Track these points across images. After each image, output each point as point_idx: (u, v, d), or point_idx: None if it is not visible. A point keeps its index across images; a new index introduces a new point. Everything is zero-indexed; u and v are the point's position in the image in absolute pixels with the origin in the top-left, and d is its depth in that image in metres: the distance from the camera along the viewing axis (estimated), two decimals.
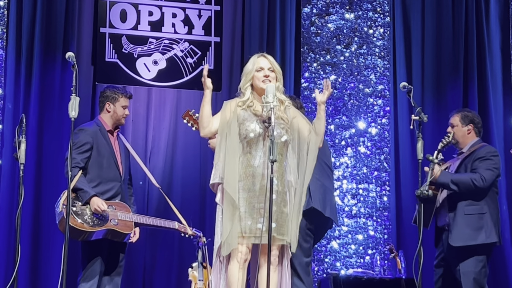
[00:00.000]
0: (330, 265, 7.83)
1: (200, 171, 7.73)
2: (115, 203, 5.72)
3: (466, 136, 5.98)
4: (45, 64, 7.47)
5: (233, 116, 4.67)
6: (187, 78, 7.84)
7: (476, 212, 5.75)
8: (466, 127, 5.98)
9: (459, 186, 5.71)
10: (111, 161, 5.81)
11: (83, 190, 5.59)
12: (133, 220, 5.72)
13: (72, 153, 5.27)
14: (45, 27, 7.49)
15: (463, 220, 5.72)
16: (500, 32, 8.46)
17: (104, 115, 5.94)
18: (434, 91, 8.34)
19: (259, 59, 4.79)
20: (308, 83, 8.14)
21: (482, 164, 5.78)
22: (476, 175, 5.72)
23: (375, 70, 8.26)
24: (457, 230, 5.71)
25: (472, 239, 5.67)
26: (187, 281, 6.70)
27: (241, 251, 4.54)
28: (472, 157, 5.85)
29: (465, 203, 5.76)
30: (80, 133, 5.77)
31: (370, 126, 8.16)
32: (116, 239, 5.68)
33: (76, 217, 5.51)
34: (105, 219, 5.60)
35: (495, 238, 5.76)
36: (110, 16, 7.73)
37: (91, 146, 5.75)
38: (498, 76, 8.37)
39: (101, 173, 5.76)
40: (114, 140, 5.92)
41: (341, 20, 8.28)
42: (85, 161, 5.72)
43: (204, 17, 7.97)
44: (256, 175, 4.57)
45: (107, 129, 5.90)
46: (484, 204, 5.78)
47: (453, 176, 5.76)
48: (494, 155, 5.87)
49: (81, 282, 5.67)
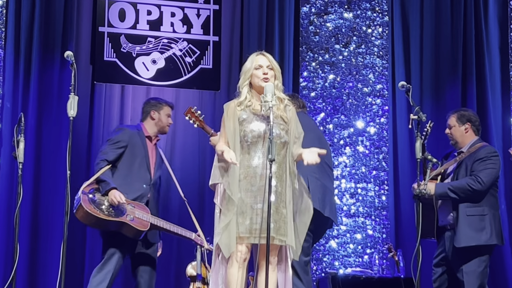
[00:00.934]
0: (328, 264, 7.83)
1: (199, 171, 7.73)
2: (136, 203, 5.77)
3: (465, 135, 5.96)
4: (43, 63, 7.47)
5: (234, 118, 4.65)
6: (185, 77, 7.85)
7: (477, 214, 5.74)
8: (463, 126, 5.97)
9: (458, 193, 5.71)
10: (143, 163, 5.88)
11: (105, 182, 5.67)
12: (149, 221, 5.75)
13: (106, 146, 5.82)
14: (43, 26, 7.49)
15: (465, 221, 5.71)
16: (498, 31, 8.46)
17: (147, 122, 6.04)
18: (433, 90, 8.35)
19: (258, 57, 4.78)
20: (307, 82, 8.14)
21: (480, 166, 5.77)
22: (471, 179, 5.71)
23: (373, 70, 8.26)
24: (460, 231, 5.70)
25: (474, 240, 5.67)
26: (185, 279, 6.71)
27: (240, 251, 4.53)
28: (472, 158, 5.83)
29: (466, 204, 5.75)
30: (118, 131, 5.98)
31: (368, 126, 8.16)
32: (128, 235, 5.68)
33: (92, 204, 5.58)
34: (121, 213, 5.64)
35: (495, 240, 5.76)
36: (109, 15, 7.73)
37: (126, 145, 5.86)
38: (497, 76, 8.37)
39: (130, 173, 5.83)
40: (151, 146, 6.02)
41: (340, 19, 8.28)
42: (115, 157, 5.81)
43: (203, 16, 7.97)
44: (256, 176, 4.56)
45: (146, 134, 6.00)
46: (485, 205, 5.77)
47: (449, 185, 5.75)
48: (493, 155, 5.85)
49: (95, 272, 5.73)
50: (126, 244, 5.74)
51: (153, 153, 6.00)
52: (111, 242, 5.72)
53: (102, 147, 5.95)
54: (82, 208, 5.53)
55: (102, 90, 7.67)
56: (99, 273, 5.68)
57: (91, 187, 5.68)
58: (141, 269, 5.89)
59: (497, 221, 5.79)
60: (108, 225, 5.64)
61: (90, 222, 5.65)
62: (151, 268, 5.91)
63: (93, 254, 7.36)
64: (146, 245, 5.91)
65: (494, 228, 5.75)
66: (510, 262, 7.95)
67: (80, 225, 7.31)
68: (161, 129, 6.07)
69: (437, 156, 5.96)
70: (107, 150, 5.80)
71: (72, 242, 6.93)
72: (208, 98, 7.93)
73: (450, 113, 6.11)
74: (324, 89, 8.14)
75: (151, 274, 5.91)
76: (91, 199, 5.60)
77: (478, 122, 6.04)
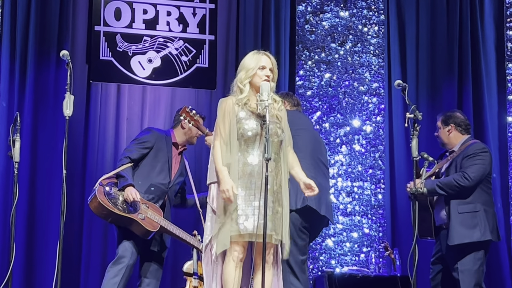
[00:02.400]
0: (325, 263, 7.84)
1: (194, 170, 7.72)
2: (150, 204, 5.82)
3: (449, 136, 5.99)
4: (39, 63, 7.46)
5: (232, 115, 4.65)
6: (181, 76, 7.84)
7: (469, 211, 5.75)
8: (447, 128, 5.99)
9: (445, 189, 5.72)
10: (165, 167, 5.95)
11: (124, 178, 5.76)
12: (160, 223, 5.79)
13: (132, 145, 5.96)
14: (39, 26, 7.48)
15: (458, 219, 5.73)
16: (494, 30, 8.46)
17: (177, 130, 6.10)
18: (429, 89, 8.35)
19: (263, 57, 4.76)
20: (303, 81, 8.14)
21: (468, 162, 5.78)
22: (458, 175, 5.72)
23: (369, 68, 8.26)
24: (452, 229, 5.72)
25: (467, 237, 5.67)
26: (182, 278, 6.71)
27: (237, 250, 4.54)
28: (461, 156, 5.85)
29: (457, 202, 5.76)
30: (147, 132, 6.10)
31: (365, 124, 8.17)
32: (137, 232, 5.72)
33: (106, 197, 5.66)
34: (134, 210, 5.71)
35: (489, 236, 5.76)
36: (105, 14, 7.72)
37: (151, 146, 5.95)
38: (493, 74, 8.38)
39: (151, 174, 5.91)
40: (176, 154, 6.08)
41: (336, 18, 8.28)
42: (139, 156, 5.91)
43: (199, 15, 7.96)
44: (254, 174, 4.56)
45: (173, 141, 6.06)
46: (477, 202, 5.77)
47: (437, 182, 5.76)
48: (482, 151, 5.85)
49: (109, 268, 5.77)
50: (140, 241, 5.79)
51: (176, 160, 6.07)
52: (126, 236, 5.77)
53: (129, 145, 6.08)
54: (96, 198, 5.63)
55: (98, 89, 7.66)
56: (113, 268, 5.73)
57: (110, 181, 5.78)
58: (148, 269, 5.95)
59: (490, 217, 5.79)
60: (118, 219, 5.70)
61: (101, 214, 5.71)
62: (158, 267, 5.98)
63: (89, 254, 7.37)
64: (160, 247, 5.99)
65: (487, 224, 5.75)
66: (506, 259, 7.95)
67: (77, 224, 7.35)
68: (190, 139, 6.12)
69: (434, 155, 5.98)
70: (132, 148, 5.93)
71: (68, 242, 6.93)
72: (204, 97, 7.92)
73: (438, 115, 6.13)
74: (320, 88, 8.15)
75: (156, 274, 5.98)
76: (107, 192, 5.70)
77: (465, 122, 6.03)
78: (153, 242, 5.95)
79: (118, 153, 7.47)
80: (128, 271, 5.74)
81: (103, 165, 7.46)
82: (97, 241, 7.40)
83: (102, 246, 7.38)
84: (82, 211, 7.35)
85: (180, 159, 6.12)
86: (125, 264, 5.72)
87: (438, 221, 5.90)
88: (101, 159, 7.51)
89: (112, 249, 6.95)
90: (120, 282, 5.68)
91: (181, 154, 6.13)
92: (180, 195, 6.23)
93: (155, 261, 5.98)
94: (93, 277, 7.29)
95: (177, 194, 6.18)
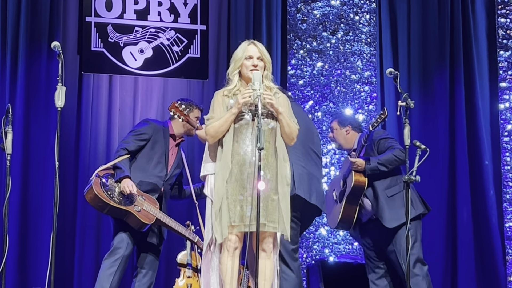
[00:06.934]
0: (318, 251, 7.85)
1: (187, 162, 7.71)
2: (147, 196, 5.83)
3: (347, 137, 6.20)
4: (30, 54, 7.44)
5: (223, 106, 4.68)
6: (173, 66, 7.83)
7: (396, 192, 5.87)
8: (344, 128, 6.19)
9: (386, 165, 5.84)
10: (161, 159, 5.95)
11: (120, 169, 5.75)
12: (156, 215, 5.79)
13: (129, 136, 5.95)
14: (30, 17, 7.45)
15: (389, 202, 5.85)
16: (485, 17, 8.46)
17: (176, 122, 6.04)
18: (421, 77, 8.35)
19: (249, 46, 4.77)
20: (295, 70, 8.14)
21: (388, 142, 5.96)
22: (395, 150, 5.85)
23: (361, 57, 8.26)
24: (388, 212, 5.82)
25: (403, 217, 5.61)
26: (176, 268, 6.72)
27: (231, 240, 4.55)
28: (371, 143, 5.98)
29: (383, 188, 5.90)
30: (144, 123, 6.08)
31: (357, 113, 8.17)
32: (132, 224, 5.74)
33: (102, 188, 5.66)
34: (129, 202, 5.71)
35: (421, 208, 5.90)
36: (96, 5, 7.70)
37: (149, 138, 5.95)
38: (484, 62, 8.38)
39: (147, 166, 5.91)
40: (173, 145, 6.07)
41: (327, 6, 8.27)
42: (136, 148, 5.91)
43: (190, 5, 7.95)
44: (244, 163, 4.57)
45: (171, 132, 6.05)
46: (399, 182, 5.87)
47: (377, 159, 5.86)
48: (387, 135, 6.12)
49: (104, 259, 5.79)
50: (136, 232, 5.81)
51: (173, 152, 6.06)
52: (122, 227, 5.78)
53: (126, 136, 6.05)
54: (92, 190, 5.63)
55: (89, 80, 7.65)
56: (108, 259, 5.75)
57: (107, 172, 5.78)
58: (145, 260, 5.97)
59: (414, 192, 5.88)
60: (114, 211, 5.70)
61: (97, 205, 5.71)
62: (154, 259, 5.99)
63: (83, 245, 7.37)
64: (157, 238, 6.01)
65: (416, 198, 5.89)
66: (499, 245, 7.98)
67: (70, 215, 7.35)
68: (188, 131, 6.08)
69: (426, 144, 5.98)
70: (129, 140, 5.92)
71: (61, 233, 6.93)
72: (196, 87, 7.91)
73: (332, 119, 6.38)
74: (312, 77, 8.14)
75: (153, 265, 5.99)
76: (103, 183, 5.69)
77: (359, 123, 6.34)
78: (150, 233, 5.96)
79: (110, 144, 7.47)
80: (124, 262, 5.75)
81: (96, 156, 7.46)
82: (90, 232, 7.40)
83: (95, 237, 7.39)
84: (75, 202, 7.35)
85: (177, 151, 6.12)
86: (120, 255, 5.73)
87: (365, 217, 6.00)
88: (94, 150, 7.51)
89: (106, 240, 6.96)
90: (115, 273, 5.69)
91: (178, 146, 6.13)
92: (178, 187, 6.24)
93: (151, 252, 5.99)
94: (86, 268, 7.30)
95: (174, 186, 6.18)
